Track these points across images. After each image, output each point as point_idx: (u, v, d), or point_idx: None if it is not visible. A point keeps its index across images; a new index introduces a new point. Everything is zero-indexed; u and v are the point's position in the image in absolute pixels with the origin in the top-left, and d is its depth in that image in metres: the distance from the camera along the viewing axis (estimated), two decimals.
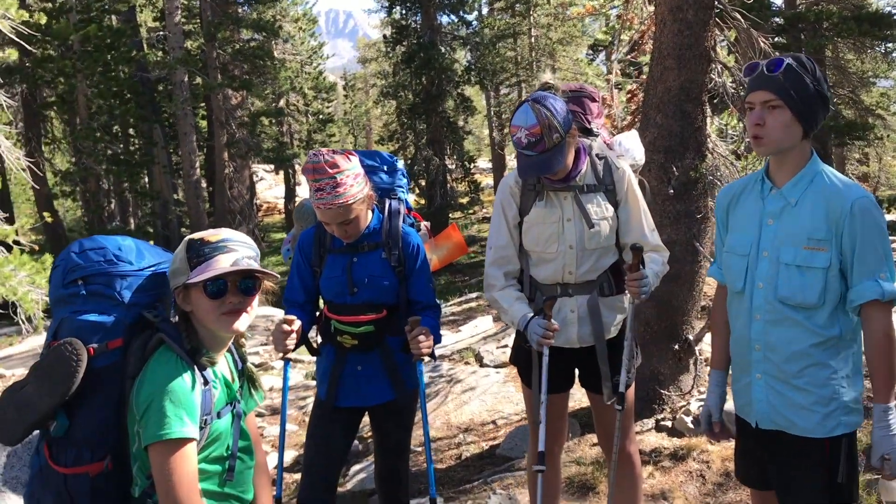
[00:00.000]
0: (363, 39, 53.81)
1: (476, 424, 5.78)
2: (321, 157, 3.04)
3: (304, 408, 7.03)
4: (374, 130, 46.47)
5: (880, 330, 2.37)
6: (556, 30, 27.37)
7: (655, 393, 5.26)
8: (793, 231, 2.46)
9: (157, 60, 21.47)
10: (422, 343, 3.09)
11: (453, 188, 26.79)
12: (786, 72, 2.40)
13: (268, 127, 27.14)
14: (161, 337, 2.16)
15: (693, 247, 5.12)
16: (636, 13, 6.30)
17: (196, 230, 19.14)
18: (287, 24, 29.24)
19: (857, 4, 18.23)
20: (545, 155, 2.95)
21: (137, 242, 2.35)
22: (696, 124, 5.03)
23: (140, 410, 2.06)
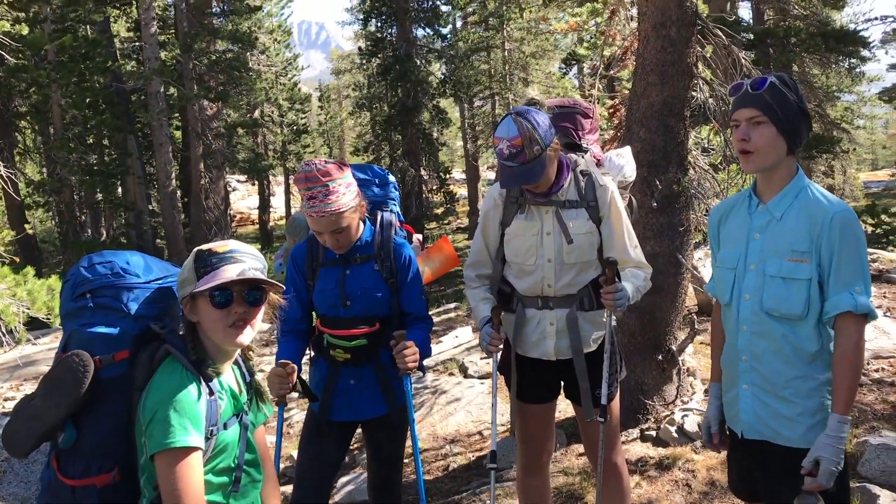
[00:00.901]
0: (336, 51, 53.74)
1: (462, 435, 5.81)
2: (313, 165, 3.07)
3: (288, 419, 7.01)
4: (348, 141, 46.40)
5: (850, 342, 2.41)
6: (529, 44, 27.59)
7: (640, 403, 5.34)
8: (777, 244, 2.53)
9: (132, 71, 21.30)
10: (407, 357, 3.10)
11: (428, 199, 26.85)
12: (770, 89, 2.48)
13: (243, 137, 27.05)
14: (167, 348, 2.19)
15: (676, 259, 5.21)
16: (619, 29, 6.41)
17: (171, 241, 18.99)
18: (262, 35, 29.17)
19: (823, 21, 18.63)
20: (526, 166, 3.01)
21: (146, 257, 2.38)
22: (678, 139, 5.14)
23: (146, 420, 2.08)
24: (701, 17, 5.19)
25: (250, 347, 2.43)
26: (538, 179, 3.05)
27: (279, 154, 32.86)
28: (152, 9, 18.76)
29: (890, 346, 6.10)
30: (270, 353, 11.38)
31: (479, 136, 31.02)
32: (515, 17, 26.82)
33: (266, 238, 32.56)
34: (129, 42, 23.26)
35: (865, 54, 18.13)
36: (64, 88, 17.91)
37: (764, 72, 5.11)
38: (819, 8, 18.24)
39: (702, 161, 5.67)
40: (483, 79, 28.17)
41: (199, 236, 20.16)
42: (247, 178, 34.37)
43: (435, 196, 27.52)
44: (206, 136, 20.55)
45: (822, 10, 18.55)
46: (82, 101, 18.08)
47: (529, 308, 3.29)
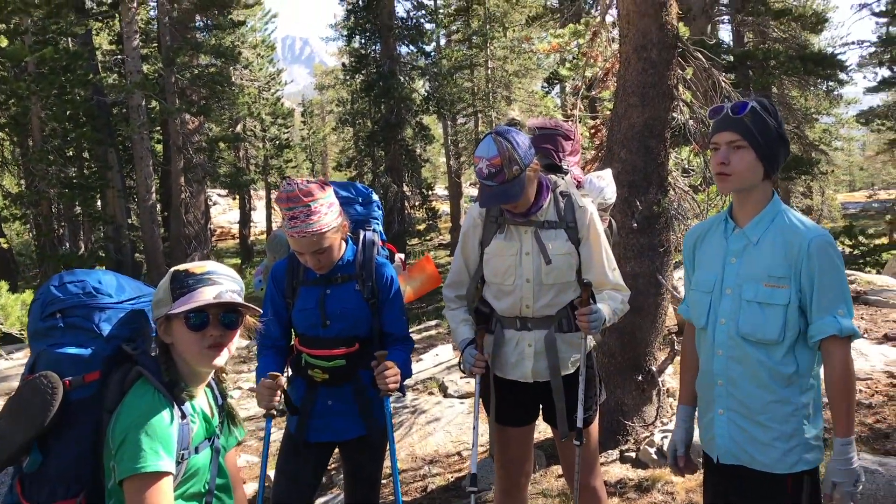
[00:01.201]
0: (320, 66, 53.82)
1: (441, 456, 5.76)
2: (295, 185, 3.04)
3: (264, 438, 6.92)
4: (330, 157, 46.38)
5: (840, 364, 2.43)
6: (512, 62, 27.78)
7: (619, 424, 5.32)
8: (754, 269, 2.54)
9: (113, 84, 21.20)
10: (388, 378, 3.06)
11: (411, 215, 26.90)
12: (750, 114, 2.49)
13: (225, 152, 26.95)
14: (139, 370, 2.15)
15: (656, 279, 5.22)
16: (600, 51, 6.45)
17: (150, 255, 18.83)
18: (245, 49, 29.19)
19: (801, 44, 18.93)
20: (505, 186, 3.01)
21: (118, 276, 2.34)
22: (658, 160, 5.16)
23: (115, 444, 2.03)
24: (681, 40, 5.23)
25: (224, 369, 2.39)
26: (517, 199, 3.05)
27: (261, 169, 32.82)
28: (135, 22, 18.71)
29: (867, 368, 6.13)
30: (248, 370, 11.28)
31: (462, 153, 31.11)
32: (499, 36, 27.08)
33: (246, 253, 32.40)
34: (111, 55, 23.15)
35: (843, 77, 18.46)
36: (44, 101, 17.79)
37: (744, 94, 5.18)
38: (798, 31, 18.55)
39: (682, 182, 5.70)
40: (466, 96, 28.29)
41: (178, 251, 20.01)
42: (228, 192, 34.20)
43: (417, 212, 27.57)
44: (187, 149, 20.44)
45: (801, 33, 18.87)
46: (62, 113, 17.96)
47: (508, 329, 3.28)
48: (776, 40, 18.65)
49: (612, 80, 6.10)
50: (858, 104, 25.63)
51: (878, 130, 24.23)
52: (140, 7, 20.52)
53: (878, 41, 20.82)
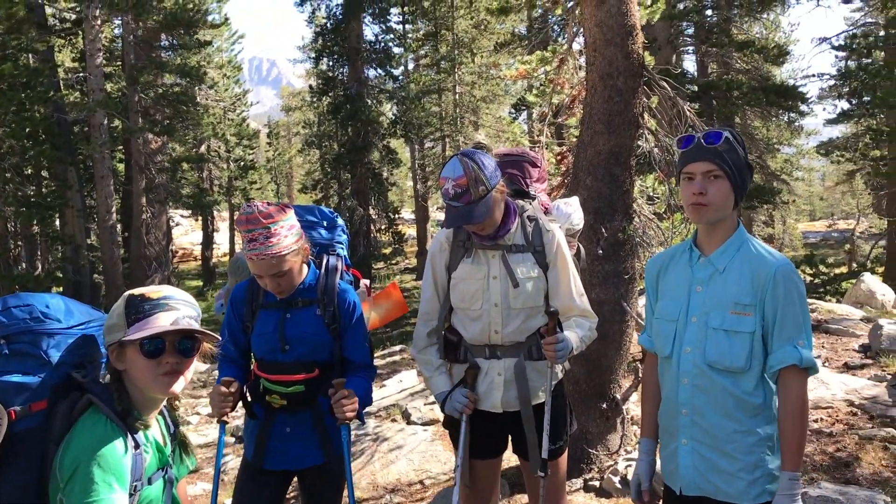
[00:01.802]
0: (287, 88, 53.82)
1: (403, 485, 5.65)
2: (255, 207, 3.00)
3: (222, 467, 6.76)
4: (296, 179, 46.22)
5: (796, 396, 2.41)
6: (480, 88, 28.00)
7: (584, 452, 5.28)
8: (720, 297, 2.52)
9: (75, 102, 20.89)
10: (345, 406, 2.99)
11: (377, 238, 26.83)
12: (724, 143, 2.49)
13: (188, 172, 26.66)
14: (90, 398, 2.06)
15: (621, 306, 5.21)
16: (567, 78, 6.49)
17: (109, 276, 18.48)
18: (211, 70, 29.03)
19: (764, 76, 19.34)
20: (471, 206, 2.98)
21: (66, 300, 2.25)
22: (624, 187, 5.17)
23: (65, 477, 1.93)
24: (647, 69, 5.27)
25: (177, 396, 2.30)
26: (483, 219, 3.01)
27: (225, 190, 32.55)
28: (98, 40, 18.49)
29: (829, 397, 6.17)
30: (207, 395, 11.06)
31: (429, 177, 31.18)
32: (467, 61, 27.29)
33: (208, 275, 32.01)
34: (73, 72, 22.83)
35: (804, 109, 18.86)
36: (2, 117, 17.44)
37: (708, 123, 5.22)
38: (760, 63, 18.94)
39: (647, 210, 5.72)
40: (434, 120, 28.41)
41: (138, 272, 19.69)
42: (190, 213, 33.87)
43: (383, 236, 27.52)
44: (149, 169, 20.20)
45: (764, 65, 19.27)
46: (21, 130, 17.59)
47: (477, 357, 3.23)
48: (739, 71, 19.02)
49: (579, 107, 6.13)
50: (818, 135, 26.22)
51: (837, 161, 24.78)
52: (104, 25, 20.31)
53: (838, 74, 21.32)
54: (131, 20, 19.66)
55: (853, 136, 23.87)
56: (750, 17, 20.21)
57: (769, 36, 22.66)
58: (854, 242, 26.47)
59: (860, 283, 11.60)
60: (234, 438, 7.75)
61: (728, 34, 18.65)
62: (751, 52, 18.26)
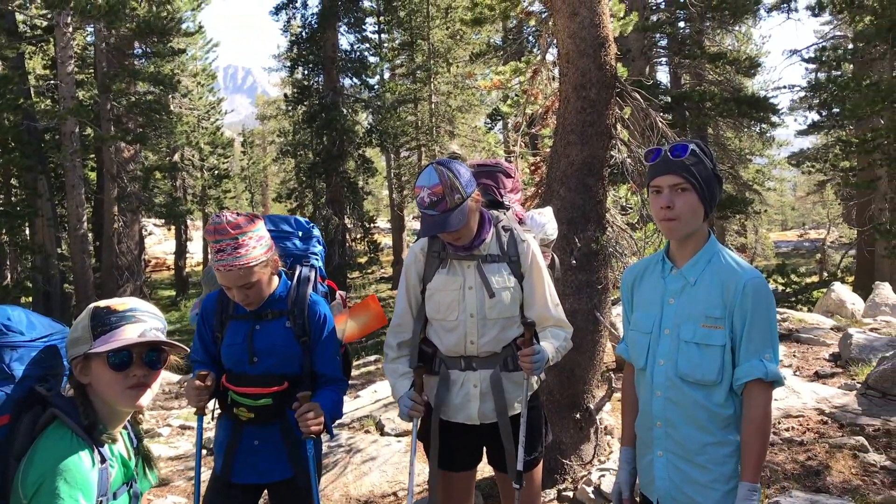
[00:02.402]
0: (262, 97, 53.65)
1: (377, 497, 5.60)
2: (223, 217, 2.96)
3: (193, 479, 6.67)
4: (271, 188, 46.02)
5: (759, 409, 2.42)
6: (456, 97, 28.10)
7: (557, 462, 5.26)
8: (692, 309, 2.52)
9: (46, 109, 20.64)
10: (309, 421, 2.94)
11: (352, 248, 26.76)
12: (691, 157, 2.49)
13: (161, 181, 26.46)
14: (54, 412, 2.01)
15: (594, 316, 5.21)
16: (541, 89, 6.51)
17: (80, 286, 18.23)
18: (185, 78, 28.85)
19: (736, 87, 19.59)
20: (446, 214, 2.97)
21: (27, 312, 2.20)
22: (597, 198, 5.18)
23: (29, 492, 1.88)
24: (620, 80, 5.29)
25: (141, 410, 2.25)
26: (458, 227, 3.00)
27: (198, 199, 32.32)
28: (70, 47, 18.29)
29: (799, 405, 6.22)
30: (178, 406, 10.93)
31: (405, 187, 31.20)
32: (443, 71, 27.39)
33: (181, 285, 31.73)
34: (44, 80, 22.59)
35: (775, 120, 19.12)
36: None
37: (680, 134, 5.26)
38: (732, 75, 19.19)
39: (619, 220, 5.74)
40: (410, 130, 28.46)
41: (110, 282, 19.45)
42: (163, 222, 33.52)
43: (359, 245, 27.46)
44: (121, 178, 20.01)
45: (735, 77, 19.53)
46: None
47: (453, 370, 3.20)
48: (712, 83, 19.26)
49: (553, 117, 6.15)
50: (790, 146, 26.57)
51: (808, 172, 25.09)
52: (76, 32, 20.11)
53: (808, 86, 21.66)
54: (104, 27, 19.48)
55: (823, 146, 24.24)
56: (722, 30, 20.49)
57: (741, 48, 22.97)
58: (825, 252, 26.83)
59: (830, 293, 11.74)
60: (205, 451, 7.66)
61: (700, 46, 18.89)
62: (723, 64, 18.50)
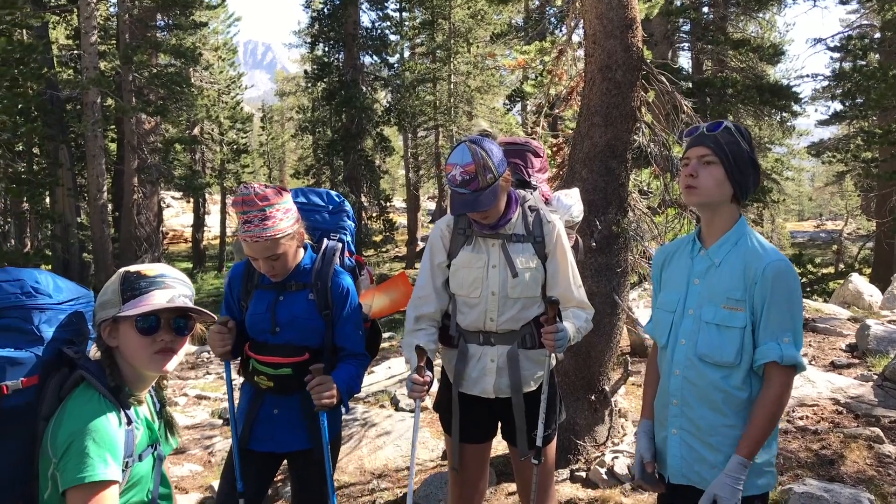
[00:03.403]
0: (282, 73, 53.55)
1: (390, 470, 5.67)
2: (252, 189, 2.99)
3: (210, 447, 6.77)
4: (289, 164, 46.10)
5: (773, 392, 2.43)
6: (475, 78, 28.00)
7: (571, 443, 5.30)
8: (714, 290, 2.54)
9: (68, 79, 20.75)
10: (322, 394, 2.98)
11: (368, 226, 26.80)
12: (723, 132, 2.53)
13: (180, 154, 26.57)
14: (81, 374, 2.05)
15: (612, 299, 5.22)
16: (565, 69, 6.48)
17: (99, 256, 18.40)
18: (206, 51, 28.87)
19: (758, 75, 19.38)
20: (477, 193, 2.98)
21: (54, 276, 2.22)
22: (619, 180, 5.17)
23: (59, 452, 1.92)
24: (646, 62, 5.27)
25: (166, 375, 2.30)
26: (489, 207, 3.01)
27: (217, 172, 32.40)
28: (93, 17, 18.34)
29: (814, 395, 6.22)
30: (195, 376, 11.06)
31: (422, 166, 31.19)
32: (463, 51, 27.26)
33: (199, 257, 31.94)
34: (67, 50, 22.70)
35: (797, 109, 18.91)
36: None
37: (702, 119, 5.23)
38: (755, 62, 18.99)
39: (641, 204, 5.73)
40: (428, 109, 28.41)
41: (128, 252, 19.60)
42: (182, 195, 33.70)
43: (374, 223, 27.49)
44: (141, 150, 20.10)
45: (758, 64, 19.32)
46: (13, 106, 17.43)
47: (471, 343, 3.23)
48: (734, 69, 19.06)
49: (576, 99, 6.13)
50: (810, 136, 26.30)
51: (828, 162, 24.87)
52: (100, 3, 20.15)
53: (832, 75, 21.41)
54: None
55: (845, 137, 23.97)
56: (746, 16, 20.27)
57: (764, 35, 22.70)
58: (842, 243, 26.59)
59: (848, 284, 11.67)
60: (221, 420, 7.77)
61: (724, 32, 18.70)
62: (746, 51, 18.32)
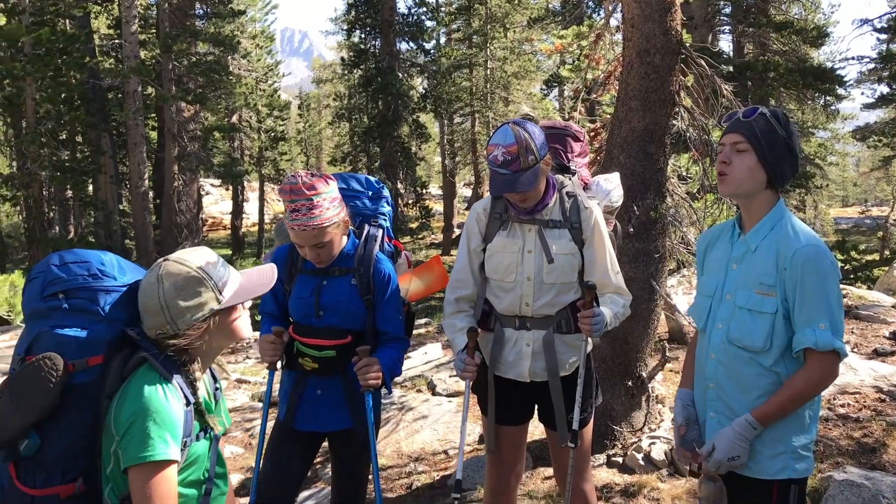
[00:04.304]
0: (318, 60, 53.83)
1: (427, 454, 5.73)
2: (299, 178, 3.03)
3: (251, 430, 6.90)
4: (325, 151, 46.34)
5: (807, 374, 2.43)
6: (512, 63, 27.81)
7: (607, 428, 5.30)
8: (749, 276, 2.54)
9: (110, 68, 21.10)
10: (368, 375, 3.05)
11: (404, 213, 26.87)
12: (758, 119, 2.51)
13: (219, 142, 26.87)
14: (144, 356, 2.11)
15: (650, 285, 5.20)
16: (603, 54, 6.43)
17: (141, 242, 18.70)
18: (244, 39, 29.13)
19: (801, 58, 18.97)
20: (518, 174, 2.98)
21: (117, 258, 2.29)
22: (657, 165, 5.14)
23: (121, 430, 1.99)
24: (685, 46, 5.21)
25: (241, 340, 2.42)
26: (530, 188, 3.02)
27: (255, 160, 32.74)
28: (134, 7, 18.60)
29: (856, 382, 6.13)
30: (234, 361, 11.23)
31: (458, 153, 31.13)
32: (499, 36, 27.11)
33: (237, 244, 32.33)
34: (108, 39, 23.07)
35: (841, 92, 18.50)
36: (39, 82, 17.70)
37: (743, 103, 5.15)
38: (798, 45, 18.57)
39: (679, 189, 5.67)
40: (464, 96, 28.33)
41: (169, 239, 19.93)
42: (221, 182, 34.10)
43: (410, 210, 27.54)
44: (181, 137, 20.37)
45: (801, 47, 18.89)
46: (57, 95, 17.87)
47: (507, 328, 3.25)
48: (776, 52, 18.69)
49: (614, 83, 6.08)
50: (855, 120, 25.72)
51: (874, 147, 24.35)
52: None
53: (878, 57, 20.85)
54: None
55: (891, 121, 23.42)
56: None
57: (808, 17, 22.18)
58: (887, 230, 26.05)
59: (893, 271, 11.46)
60: (261, 403, 7.89)
61: (766, 14, 18.33)
62: (789, 34, 17.92)
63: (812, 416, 2.54)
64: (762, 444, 2.51)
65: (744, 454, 2.46)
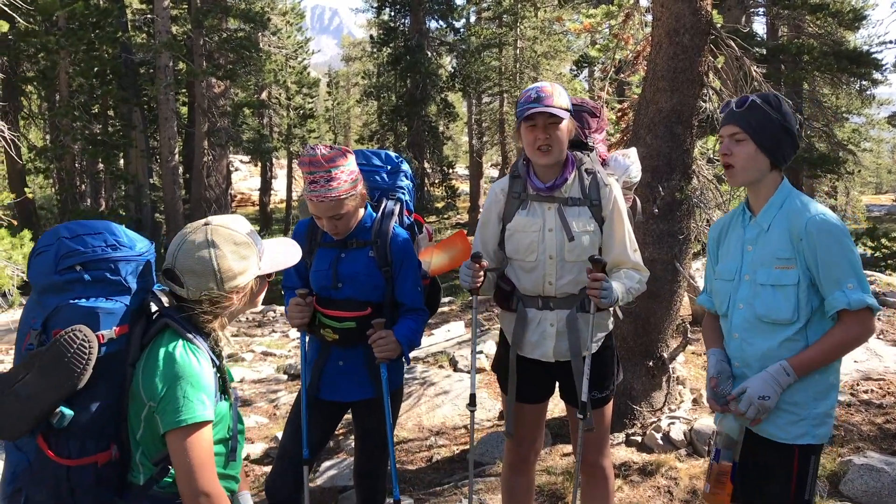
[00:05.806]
0: (348, 38, 53.72)
1: (448, 428, 5.80)
2: (318, 150, 3.07)
3: (275, 401, 7.01)
4: (353, 129, 46.41)
5: (844, 330, 2.51)
6: (542, 43, 27.52)
7: (627, 408, 5.33)
8: (765, 254, 2.63)
9: (142, 43, 21.26)
10: (382, 346, 3.11)
11: (430, 192, 26.88)
12: (750, 108, 2.62)
13: (249, 118, 27.01)
14: (166, 322, 2.16)
15: (673, 266, 5.20)
16: (632, 33, 6.40)
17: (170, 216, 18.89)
18: (275, 16, 29.14)
19: (837, 41, 18.59)
20: (548, 105, 3.01)
21: (122, 228, 2.29)
22: (684, 146, 5.12)
23: (157, 396, 2.06)
24: (714, 27, 5.17)
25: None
26: (558, 114, 3.02)
27: (284, 137, 32.82)
28: None
29: (881, 368, 6.10)
30: (261, 333, 11.39)
31: (485, 133, 31.00)
32: (530, 15, 26.85)
33: (265, 220, 32.54)
34: (140, 14, 23.19)
35: (877, 77, 18.08)
36: (72, 56, 17.91)
37: (774, 88, 5.11)
38: (834, 28, 18.18)
39: (706, 171, 5.65)
40: (493, 75, 28.15)
41: (198, 213, 20.13)
42: (250, 158, 34.32)
43: (437, 190, 27.54)
44: (212, 113, 20.51)
45: (837, 30, 18.49)
46: (90, 69, 18.05)
47: (530, 308, 3.26)
48: (811, 35, 18.33)
49: (642, 63, 6.05)
50: (891, 105, 25.24)
51: None
52: None
53: None
54: None
55: None
56: None
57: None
58: None
59: None
60: (286, 376, 8.01)
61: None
62: (824, 16, 17.53)
63: (833, 383, 2.63)
64: (784, 412, 2.58)
65: (774, 396, 2.52)
